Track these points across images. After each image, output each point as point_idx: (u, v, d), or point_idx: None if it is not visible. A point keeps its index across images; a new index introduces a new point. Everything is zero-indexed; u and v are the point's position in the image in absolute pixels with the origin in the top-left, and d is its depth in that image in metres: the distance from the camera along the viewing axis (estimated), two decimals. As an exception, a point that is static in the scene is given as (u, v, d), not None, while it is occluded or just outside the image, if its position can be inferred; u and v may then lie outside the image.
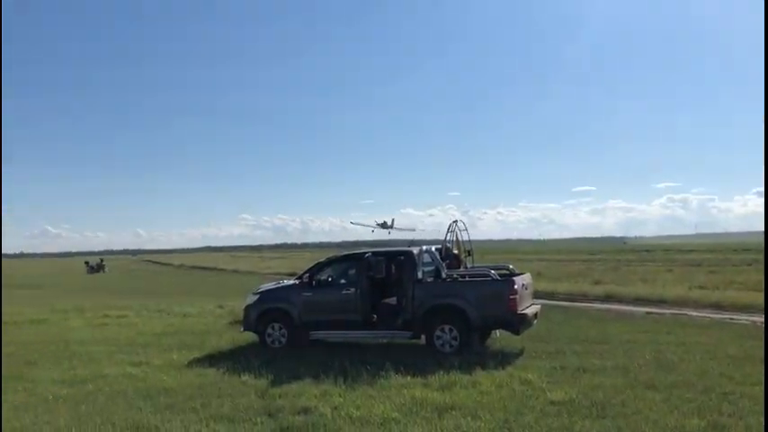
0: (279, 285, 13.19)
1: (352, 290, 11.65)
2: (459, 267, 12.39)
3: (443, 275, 11.42)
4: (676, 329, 13.47)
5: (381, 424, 6.84)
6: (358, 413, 7.21)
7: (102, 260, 66.07)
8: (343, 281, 12.22)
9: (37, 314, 19.19)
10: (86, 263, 65.40)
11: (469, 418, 6.87)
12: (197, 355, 11.46)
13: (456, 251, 12.79)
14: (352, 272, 12.22)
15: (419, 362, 9.84)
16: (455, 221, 13.16)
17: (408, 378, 8.84)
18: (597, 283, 26.27)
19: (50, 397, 8.42)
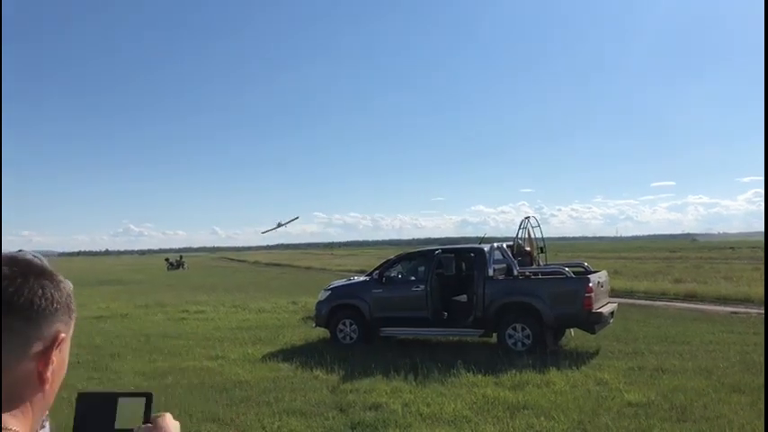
0: (349, 282, 13.32)
1: (422, 287, 11.62)
2: (532, 265, 12.17)
3: (515, 273, 11.23)
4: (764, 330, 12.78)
5: (452, 422, 6.79)
6: (428, 410, 7.19)
7: (181, 257, 68.24)
8: (412, 278, 12.23)
9: (121, 309, 20.07)
10: (167, 260, 67.68)
11: (542, 418, 6.73)
12: (271, 349, 11.69)
13: (528, 248, 12.56)
14: (421, 269, 12.21)
15: (490, 360, 9.73)
16: (527, 218, 12.95)
17: (480, 376, 8.75)
18: (677, 281, 25.23)
19: (133, 388, 8.76)
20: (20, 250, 2.12)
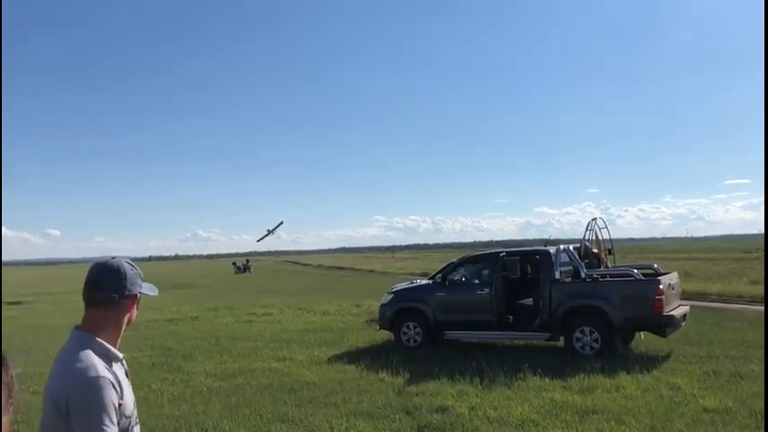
0: (412, 285, 13.35)
1: (486, 290, 11.53)
2: (600, 267, 11.92)
3: (582, 275, 11.03)
4: None
5: (520, 425, 6.73)
6: (495, 414, 7.15)
7: (248, 261, 69.75)
8: (476, 281, 12.16)
9: (191, 312, 20.70)
10: (234, 263, 69.32)
11: (613, 423, 6.60)
12: (336, 351, 11.84)
13: (596, 250, 12.31)
14: (485, 272, 12.13)
15: (558, 364, 9.59)
16: (594, 219, 12.69)
17: (547, 380, 8.63)
18: (754, 282, 24.13)
19: (205, 389, 9.04)
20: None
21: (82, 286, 2.18)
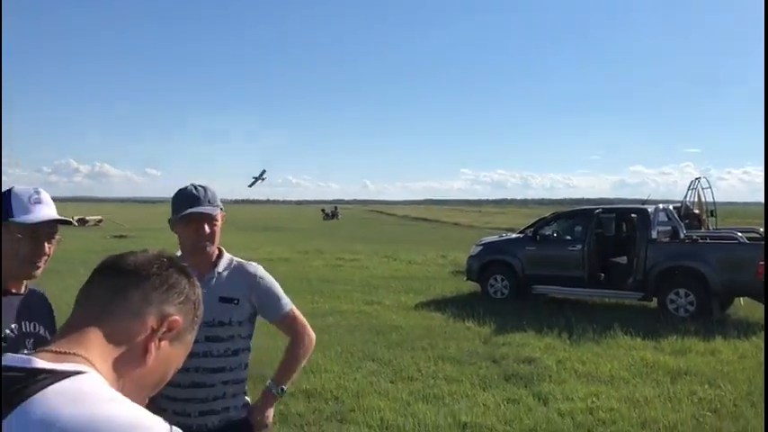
0: (502, 238, 13.31)
1: (579, 246, 11.34)
2: (701, 229, 11.47)
3: (681, 236, 10.65)
4: None
5: (608, 381, 6.69)
6: (583, 368, 7.12)
7: (336, 208, 70.97)
8: (568, 237, 11.98)
9: (284, 254, 21.46)
10: (323, 210, 70.79)
11: (707, 386, 6.45)
12: (423, 299, 12.03)
13: (697, 211, 11.82)
14: (578, 228, 11.92)
15: (650, 324, 9.38)
16: (698, 178, 12.15)
17: (638, 340, 8.48)
18: None
19: (298, 325, 9.42)
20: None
21: None
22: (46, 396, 0.82)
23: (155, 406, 2.41)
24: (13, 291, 1.99)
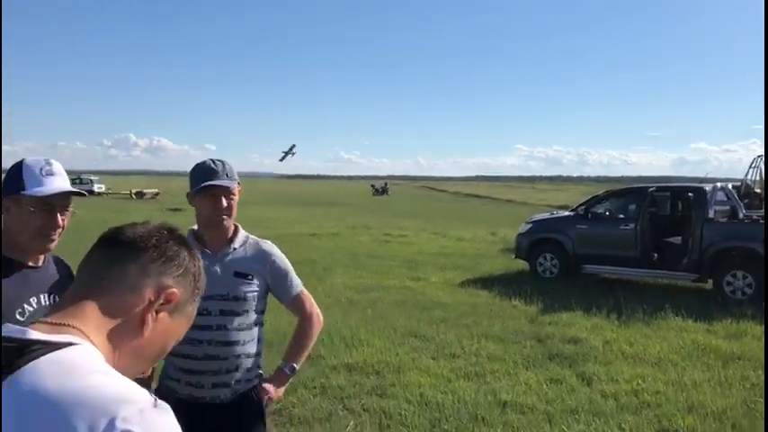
0: (552, 216, 13.09)
1: (632, 225, 11.04)
2: (761, 208, 11.01)
3: (740, 215, 10.25)
4: None
5: (656, 364, 6.53)
6: (631, 350, 6.97)
7: (386, 184, 71.19)
8: (621, 215, 11.69)
9: (332, 228, 21.66)
10: (372, 186, 71.11)
11: (760, 372, 6.21)
12: (470, 276, 11.95)
13: (758, 190, 11.34)
14: (632, 207, 11.62)
15: (703, 307, 9.09)
16: (760, 156, 11.64)
17: (690, 322, 8.24)
18: None
19: (343, 299, 9.51)
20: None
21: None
22: (37, 367, 0.83)
23: (170, 377, 2.46)
24: (30, 264, 1.97)
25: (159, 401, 0.85)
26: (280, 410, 5.04)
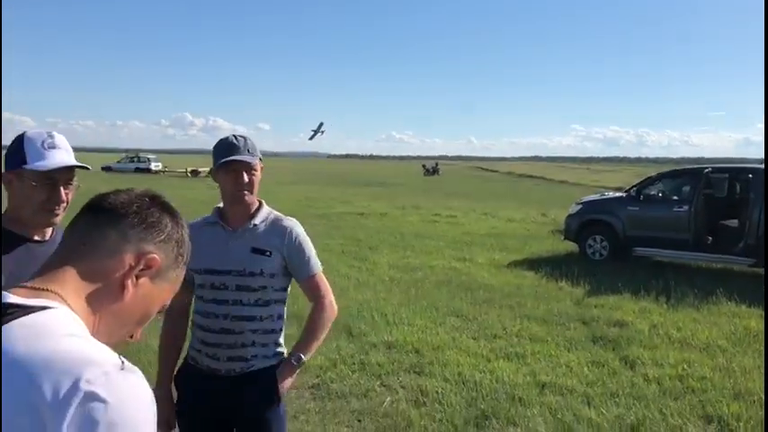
0: (603, 197, 12.84)
1: (686, 207, 10.73)
2: None
3: (803, 199, 9.83)
4: None
5: (704, 349, 6.36)
6: (678, 335, 6.81)
7: (437, 164, 70.85)
8: (675, 197, 11.37)
9: (381, 208, 21.72)
10: (423, 166, 70.86)
11: (815, 360, 5.99)
12: (517, 257, 11.84)
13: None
14: (686, 188, 11.28)
15: (758, 292, 8.76)
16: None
17: (743, 307, 7.98)
18: None
19: (387, 278, 9.56)
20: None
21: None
22: (10, 329, 0.85)
23: (193, 347, 2.52)
24: (36, 238, 1.96)
25: (127, 364, 0.86)
26: (318, 385, 5.13)
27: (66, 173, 1.93)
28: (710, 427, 4.63)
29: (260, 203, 2.52)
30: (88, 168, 2.00)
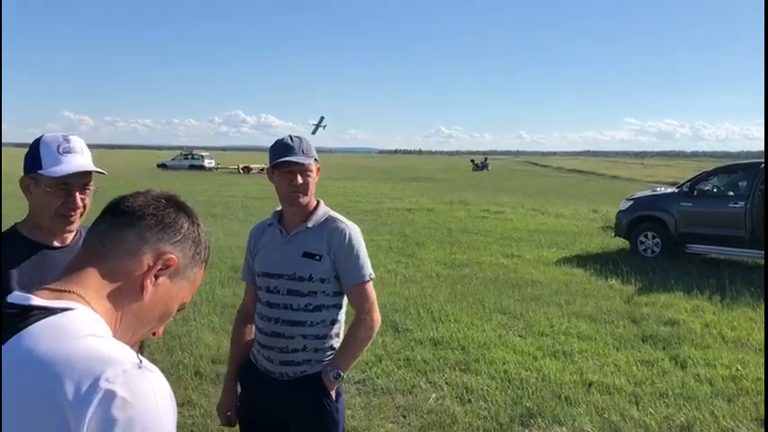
0: (655, 193, 12.57)
1: (741, 203, 10.42)
2: None
3: None
4: None
5: (759, 350, 6.19)
6: (732, 334, 6.65)
7: (486, 159, 70.32)
8: (730, 193, 11.05)
9: (428, 204, 21.70)
10: (472, 161, 70.43)
11: None
12: (566, 254, 11.69)
13: None
14: (742, 184, 10.94)
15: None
16: None
17: (802, 307, 7.73)
18: None
19: (434, 274, 9.58)
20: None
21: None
22: (33, 331, 0.89)
23: (255, 348, 2.56)
24: (56, 244, 1.95)
25: (146, 362, 0.90)
26: (364, 380, 5.20)
27: (81, 178, 1.90)
28: (764, 430, 4.52)
29: (317, 204, 2.48)
30: (104, 173, 1.99)
